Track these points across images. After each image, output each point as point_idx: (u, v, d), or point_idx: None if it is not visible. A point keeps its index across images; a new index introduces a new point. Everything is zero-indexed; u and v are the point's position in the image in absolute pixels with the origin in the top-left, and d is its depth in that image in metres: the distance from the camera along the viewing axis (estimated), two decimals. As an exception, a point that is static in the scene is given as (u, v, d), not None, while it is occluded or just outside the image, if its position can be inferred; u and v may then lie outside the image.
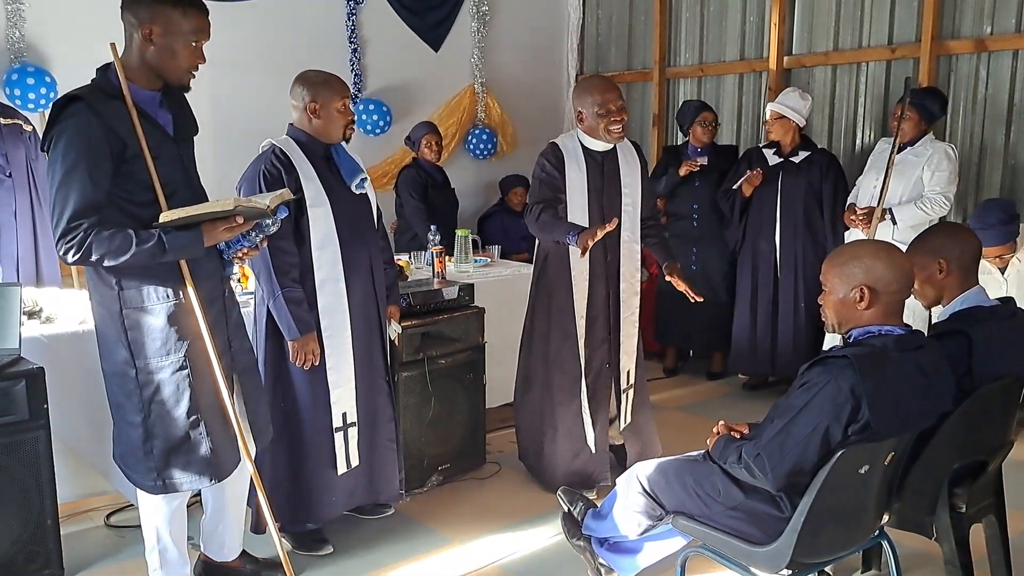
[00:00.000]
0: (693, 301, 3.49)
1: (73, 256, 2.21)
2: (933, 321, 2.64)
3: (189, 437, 2.44)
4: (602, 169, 3.41)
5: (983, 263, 3.46)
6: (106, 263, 2.25)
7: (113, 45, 2.32)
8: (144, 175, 2.27)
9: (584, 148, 3.39)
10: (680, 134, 5.40)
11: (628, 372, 3.61)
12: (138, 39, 2.29)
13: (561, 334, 3.46)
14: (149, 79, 2.34)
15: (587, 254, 3.16)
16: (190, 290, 2.37)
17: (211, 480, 2.52)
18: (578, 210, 3.38)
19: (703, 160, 4.97)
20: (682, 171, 4.92)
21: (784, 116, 4.63)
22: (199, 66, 2.38)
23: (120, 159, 2.24)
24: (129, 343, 2.36)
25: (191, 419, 2.43)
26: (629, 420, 3.65)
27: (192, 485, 2.51)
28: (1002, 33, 4.51)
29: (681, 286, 3.47)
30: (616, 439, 3.73)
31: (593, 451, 3.50)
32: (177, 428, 2.42)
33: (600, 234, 3.10)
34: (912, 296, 2.54)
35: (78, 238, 2.19)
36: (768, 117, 4.72)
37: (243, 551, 2.87)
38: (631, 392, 3.63)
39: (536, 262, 3.58)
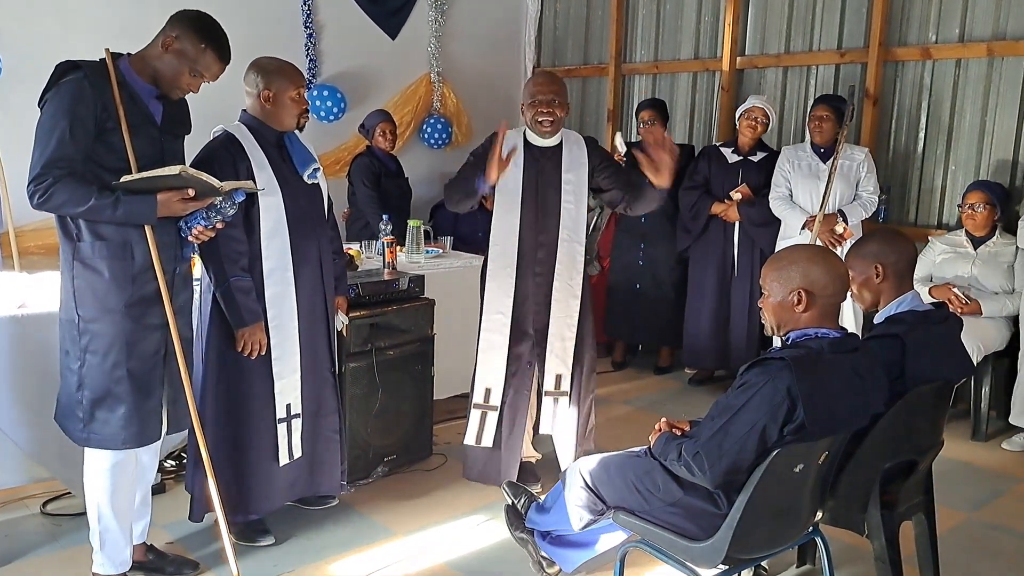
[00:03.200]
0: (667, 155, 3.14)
1: (38, 200, 2.34)
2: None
3: (111, 393, 2.50)
4: (539, 165, 3.34)
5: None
6: (65, 211, 2.39)
7: (107, 50, 2.47)
8: (120, 145, 2.42)
9: (526, 142, 3.36)
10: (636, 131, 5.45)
11: (558, 376, 3.50)
12: (159, 43, 2.49)
13: (486, 329, 3.44)
14: (149, 77, 2.51)
15: (517, 248, 3.19)
16: (154, 254, 2.46)
17: (125, 444, 2.55)
18: (510, 205, 3.33)
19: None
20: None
21: (770, 117, 4.76)
22: (190, 91, 2.57)
23: (102, 128, 2.39)
24: (75, 291, 2.47)
25: (116, 375, 2.50)
26: (551, 429, 3.53)
27: (109, 444, 2.53)
28: (946, 42, 4.63)
29: (664, 156, 3.14)
30: (530, 456, 3.63)
31: (501, 452, 3.46)
32: (102, 381, 2.50)
33: (497, 151, 3.06)
34: (851, 299, 2.62)
35: (45, 183, 2.32)
36: (751, 117, 4.73)
37: (146, 543, 2.83)
38: (562, 399, 3.51)
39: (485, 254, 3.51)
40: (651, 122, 5.05)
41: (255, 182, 2.81)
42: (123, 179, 2.39)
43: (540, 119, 3.26)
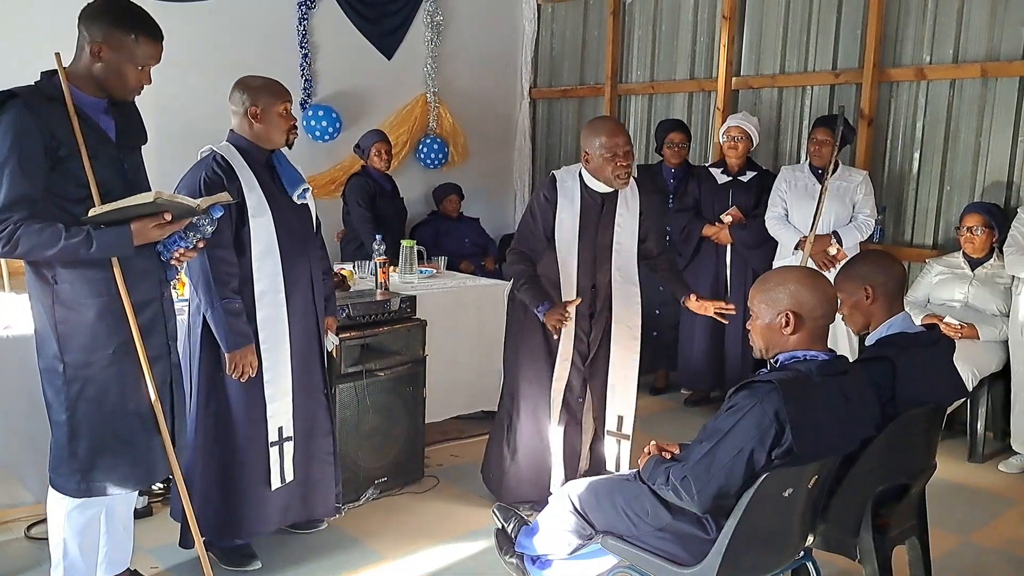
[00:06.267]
0: (726, 319, 3.45)
1: (2, 248, 2.19)
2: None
3: (115, 438, 2.39)
4: (600, 209, 3.33)
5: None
6: (33, 256, 2.24)
7: (58, 55, 2.30)
8: (80, 173, 2.26)
9: (584, 186, 3.33)
10: (650, 152, 5.45)
11: (620, 418, 3.47)
12: (87, 52, 2.31)
13: (534, 366, 3.38)
14: (94, 88, 2.35)
15: (576, 290, 3.21)
16: (121, 288, 2.34)
17: (136, 485, 2.48)
18: (566, 249, 3.30)
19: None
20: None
21: (749, 135, 4.74)
22: (144, 86, 2.40)
23: (54, 157, 2.23)
24: (58, 337, 2.33)
25: (118, 419, 2.39)
26: (615, 470, 3.49)
27: (116, 489, 2.45)
28: (940, 63, 4.64)
29: (710, 309, 3.41)
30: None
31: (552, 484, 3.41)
32: (103, 428, 2.38)
33: (570, 312, 3.11)
34: (843, 322, 2.59)
35: (7, 231, 2.18)
36: (728, 136, 4.77)
37: (129, 569, 2.78)
38: (625, 442, 3.48)
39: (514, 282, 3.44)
40: (682, 145, 5.10)
41: (246, 203, 2.79)
42: (92, 212, 2.23)
43: (620, 172, 3.21)
